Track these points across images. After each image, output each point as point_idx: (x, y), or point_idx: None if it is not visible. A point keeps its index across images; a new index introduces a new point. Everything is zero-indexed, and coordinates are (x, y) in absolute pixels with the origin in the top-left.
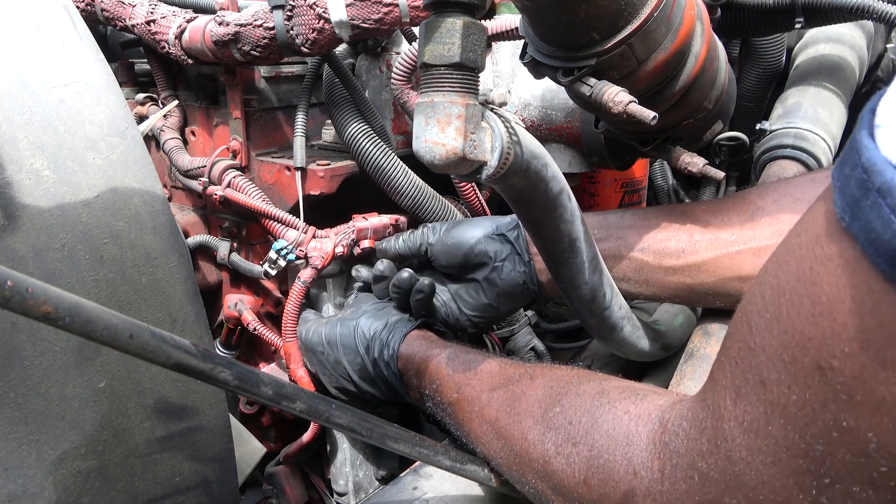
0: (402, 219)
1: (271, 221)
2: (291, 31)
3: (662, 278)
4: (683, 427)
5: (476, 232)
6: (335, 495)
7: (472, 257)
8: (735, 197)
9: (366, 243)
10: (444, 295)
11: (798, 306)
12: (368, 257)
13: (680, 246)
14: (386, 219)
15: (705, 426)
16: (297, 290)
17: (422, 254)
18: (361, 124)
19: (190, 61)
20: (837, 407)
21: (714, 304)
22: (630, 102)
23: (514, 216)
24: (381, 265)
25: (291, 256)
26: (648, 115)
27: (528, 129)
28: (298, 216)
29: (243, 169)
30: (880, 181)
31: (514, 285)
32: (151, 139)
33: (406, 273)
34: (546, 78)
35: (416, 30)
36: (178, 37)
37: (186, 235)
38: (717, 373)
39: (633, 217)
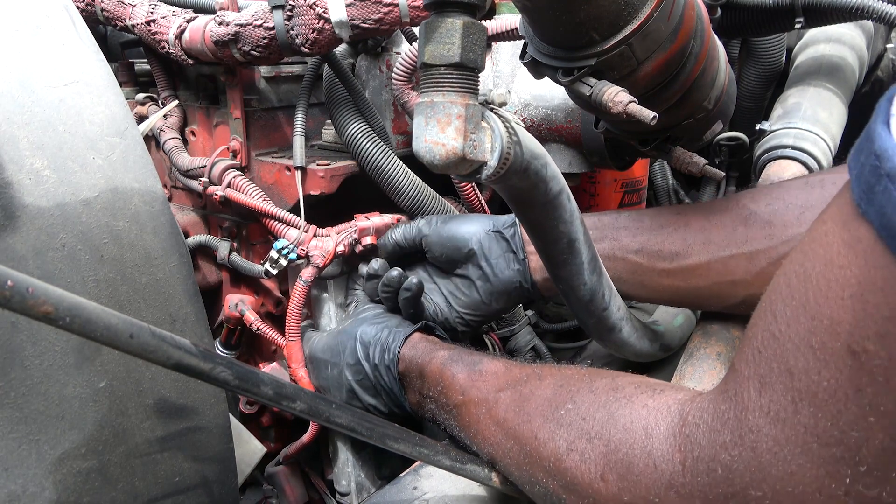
0: (404, 219)
1: (272, 221)
2: (291, 31)
3: (656, 280)
4: (705, 419)
5: (472, 227)
6: (337, 495)
7: (466, 251)
8: (728, 200)
9: (368, 240)
10: (434, 294)
11: (826, 291)
12: (371, 256)
13: (674, 249)
14: (388, 218)
15: (728, 417)
16: (299, 289)
17: (418, 245)
18: (361, 124)
19: (190, 61)
20: (874, 391)
21: (708, 308)
22: (630, 102)
23: (512, 215)
24: (376, 264)
25: (293, 255)
26: (648, 115)
27: (528, 129)
28: (299, 216)
29: (243, 169)
30: (889, 167)
31: (507, 283)
32: (151, 139)
33: (395, 272)
34: (546, 78)
35: (416, 30)
36: (178, 37)
37: (186, 235)
38: (739, 364)
39: (628, 218)
